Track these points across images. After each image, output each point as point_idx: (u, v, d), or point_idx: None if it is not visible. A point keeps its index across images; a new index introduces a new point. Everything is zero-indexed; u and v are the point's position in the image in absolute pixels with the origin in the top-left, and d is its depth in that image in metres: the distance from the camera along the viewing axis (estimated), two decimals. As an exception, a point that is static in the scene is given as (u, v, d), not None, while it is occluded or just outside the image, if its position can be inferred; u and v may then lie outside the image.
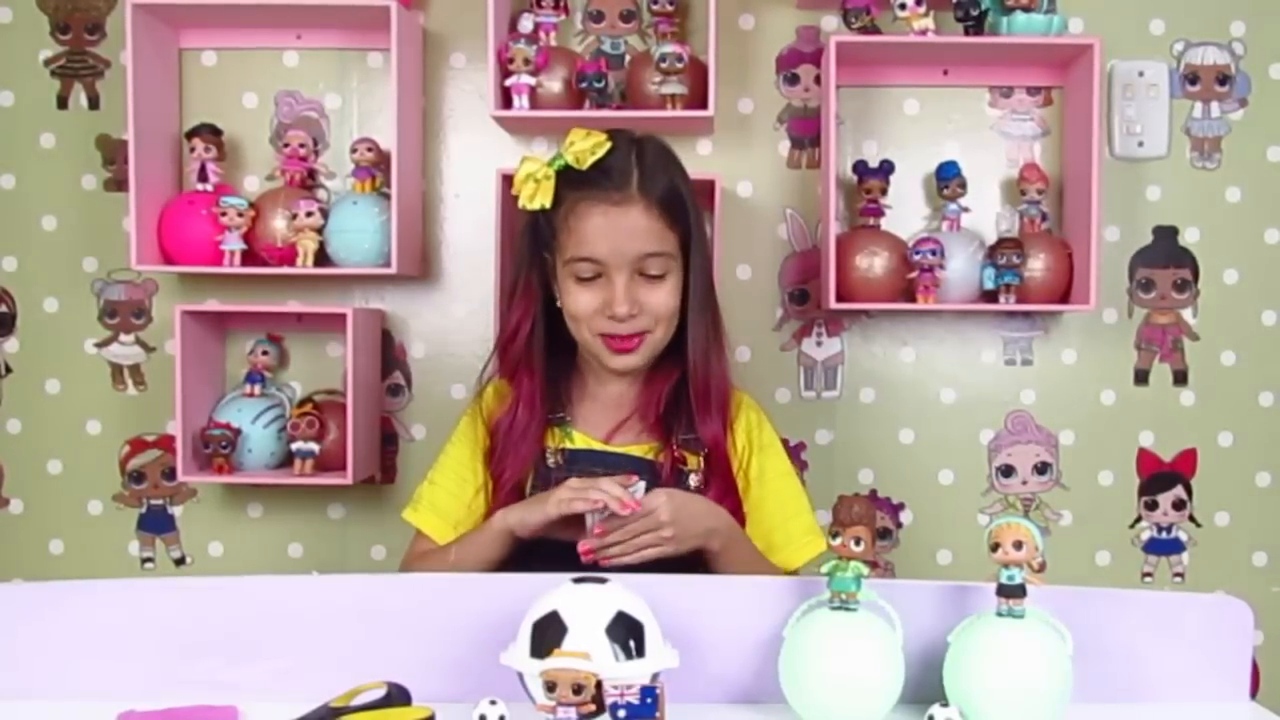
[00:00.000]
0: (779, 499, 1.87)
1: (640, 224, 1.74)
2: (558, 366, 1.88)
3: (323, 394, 2.56)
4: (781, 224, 2.57)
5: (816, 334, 2.58)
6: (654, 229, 1.75)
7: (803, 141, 2.57)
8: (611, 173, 1.74)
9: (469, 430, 1.91)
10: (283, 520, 2.60)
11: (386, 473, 2.59)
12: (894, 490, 2.60)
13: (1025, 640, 1.29)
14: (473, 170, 2.57)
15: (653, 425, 1.84)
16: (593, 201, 1.74)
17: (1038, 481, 2.60)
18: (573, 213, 1.75)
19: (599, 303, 1.76)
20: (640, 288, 1.77)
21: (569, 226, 1.76)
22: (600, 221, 1.74)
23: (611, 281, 1.75)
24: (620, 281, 1.75)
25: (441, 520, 1.84)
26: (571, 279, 1.78)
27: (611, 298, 1.75)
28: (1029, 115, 2.57)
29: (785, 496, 1.88)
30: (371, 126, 2.56)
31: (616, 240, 1.74)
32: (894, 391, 2.59)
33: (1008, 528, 1.30)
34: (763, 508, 1.85)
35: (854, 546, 1.30)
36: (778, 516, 1.86)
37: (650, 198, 1.75)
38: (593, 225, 1.74)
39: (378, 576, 1.50)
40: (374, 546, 2.59)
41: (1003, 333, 2.59)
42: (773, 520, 1.85)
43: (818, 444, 2.58)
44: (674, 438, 1.82)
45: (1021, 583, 1.30)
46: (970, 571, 2.48)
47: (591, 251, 1.74)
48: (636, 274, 1.76)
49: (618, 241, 1.74)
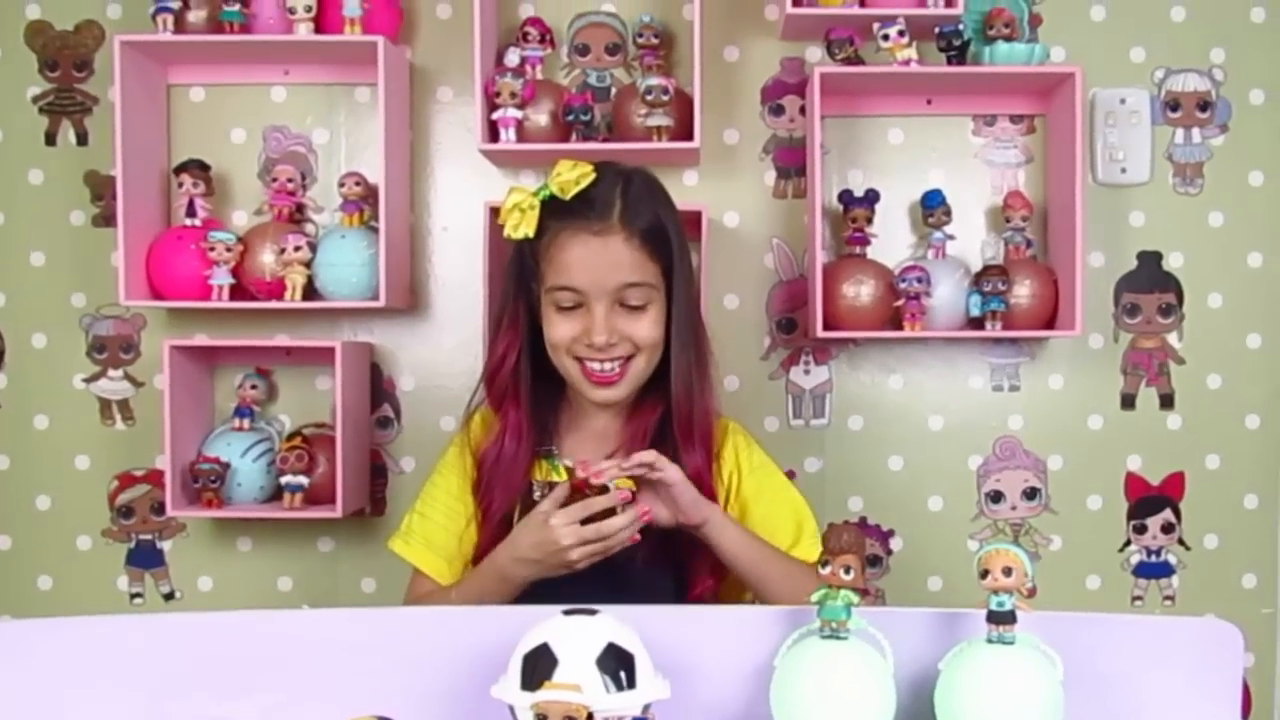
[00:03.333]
0: (784, 509, 1.89)
1: (620, 254, 1.74)
2: (546, 398, 1.88)
3: (312, 427, 2.55)
4: (768, 253, 2.57)
5: (804, 362, 2.58)
6: (634, 259, 1.75)
7: (788, 171, 2.57)
8: (594, 203, 1.75)
9: (457, 460, 1.90)
10: (272, 554, 2.59)
11: (376, 505, 2.58)
12: (883, 517, 2.60)
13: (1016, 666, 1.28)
14: (460, 203, 2.57)
15: None
16: (574, 231, 1.74)
17: (1027, 507, 2.60)
18: (554, 242, 1.75)
19: (578, 331, 1.76)
20: (621, 318, 1.76)
21: (550, 256, 1.76)
22: (580, 251, 1.74)
23: (591, 311, 1.75)
24: (599, 311, 1.75)
25: (437, 556, 1.84)
26: (552, 308, 1.78)
27: (591, 326, 1.75)
28: (1012, 143, 2.58)
29: (790, 506, 1.90)
30: (359, 160, 2.56)
31: (596, 270, 1.74)
32: (882, 419, 2.59)
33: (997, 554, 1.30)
34: (772, 519, 1.86)
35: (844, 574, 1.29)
36: (787, 523, 1.87)
37: (632, 228, 1.75)
38: (573, 255, 1.74)
39: (368, 610, 1.50)
40: (364, 579, 2.58)
41: (990, 359, 2.59)
42: (783, 527, 1.86)
43: (807, 472, 2.58)
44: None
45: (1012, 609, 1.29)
46: (960, 598, 2.47)
47: (571, 280, 1.74)
48: (617, 304, 1.76)
49: (597, 271, 1.74)
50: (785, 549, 1.83)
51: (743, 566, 1.75)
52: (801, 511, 1.90)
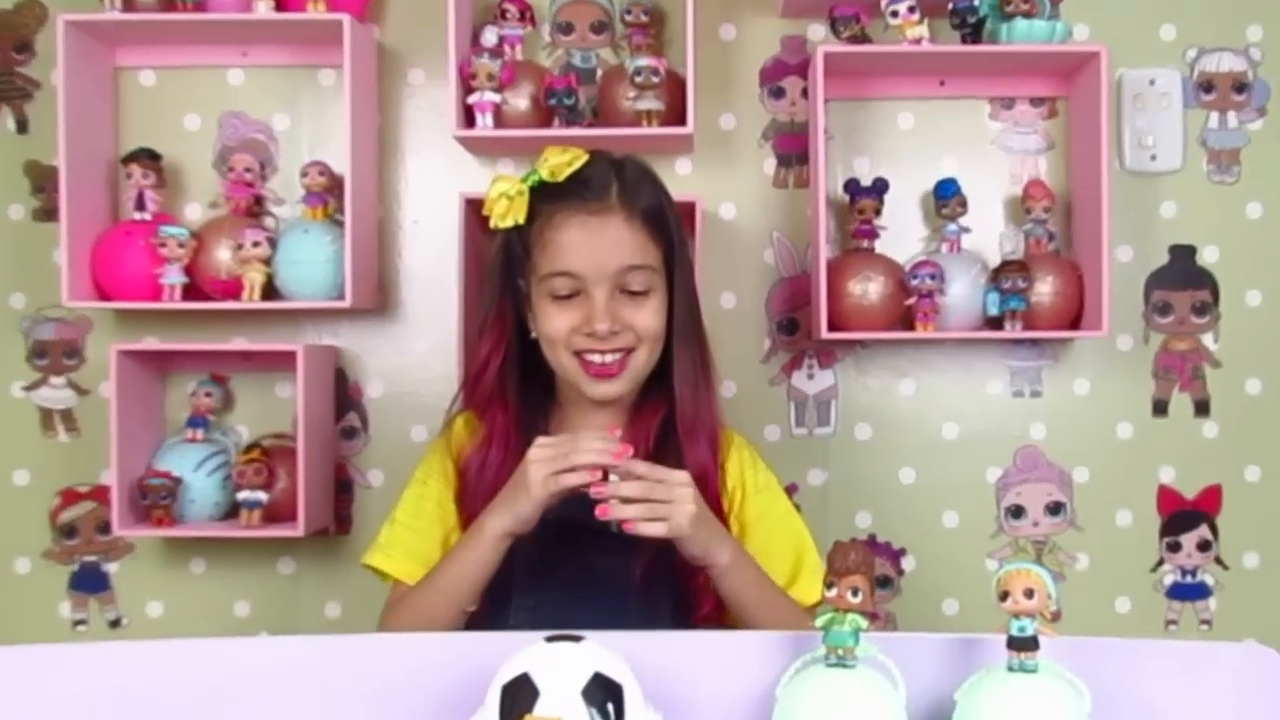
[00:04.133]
0: (785, 538, 1.87)
1: (621, 235, 1.74)
2: (534, 401, 1.87)
3: (271, 438, 2.55)
4: (768, 248, 2.57)
5: (807, 366, 2.58)
6: (636, 241, 1.75)
7: (789, 159, 2.57)
8: (590, 183, 1.75)
9: (439, 464, 1.89)
10: (228, 576, 2.58)
11: (341, 523, 2.57)
12: (894, 534, 2.60)
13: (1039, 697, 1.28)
14: (433, 194, 2.57)
15: None
16: (569, 212, 1.74)
17: (1050, 523, 2.60)
18: (548, 225, 1.75)
19: (577, 321, 1.76)
20: (622, 305, 1.76)
21: (544, 240, 1.75)
22: (578, 233, 1.74)
23: (590, 297, 1.75)
24: (600, 296, 1.74)
25: (421, 566, 1.82)
26: (547, 298, 1.77)
27: (591, 314, 1.74)
28: (1032, 128, 2.58)
29: (792, 535, 1.89)
30: (323, 149, 2.56)
31: (595, 252, 1.74)
32: (892, 427, 2.59)
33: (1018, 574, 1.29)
34: (770, 548, 1.84)
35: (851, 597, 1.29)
36: (786, 556, 1.85)
37: (632, 208, 1.75)
38: (569, 237, 1.74)
39: (333, 638, 1.49)
40: (328, 603, 2.57)
41: (1009, 362, 2.59)
42: (781, 560, 1.85)
43: (810, 485, 2.57)
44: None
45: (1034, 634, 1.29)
46: (978, 622, 2.48)
47: (568, 264, 1.74)
48: (617, 290, 1.76)
49: (597, 254, 1.74)
50: (782, 584, 1.82)
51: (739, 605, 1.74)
52: (802, 543, 1.89)
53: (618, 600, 1.72)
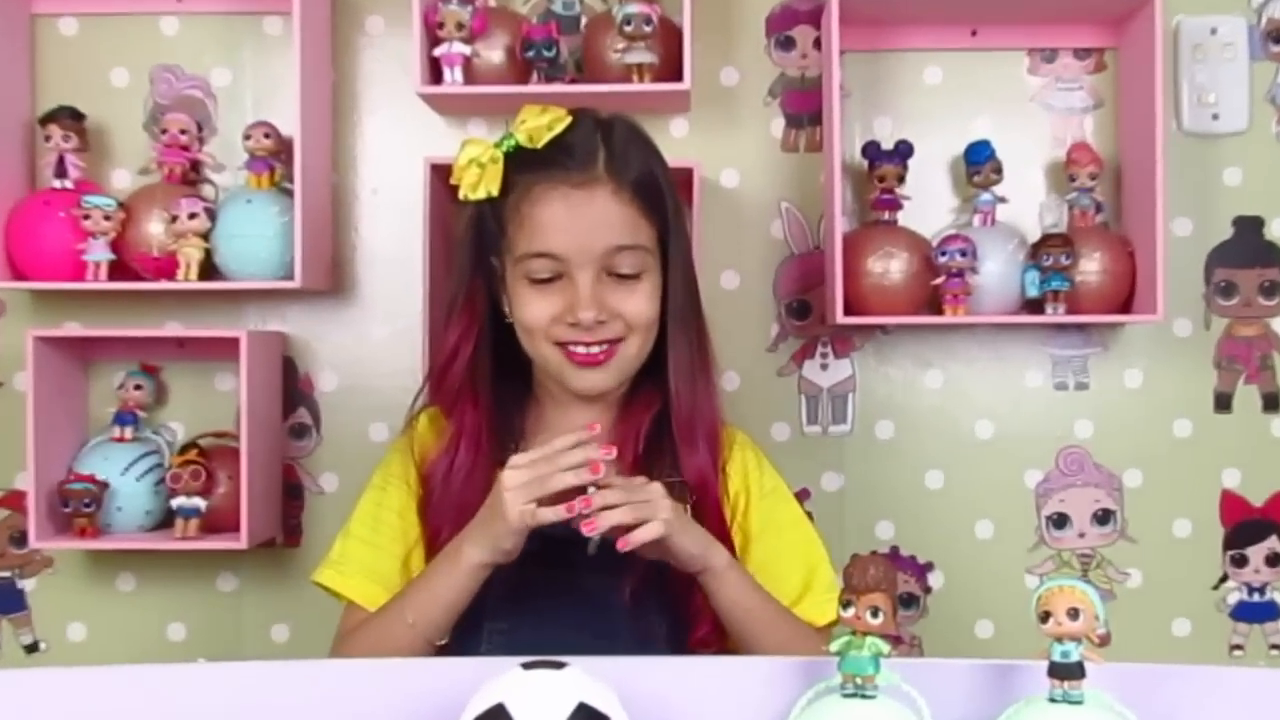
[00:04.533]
0: (795, 550, 1.88)
1: (609, 211, 1.74)
2: (508, 395, 1.87)
3: (210, 437, 2.54)
4: (776, 220, 2.58)
5: (821, 355, 2.58)
6: (626, 217, 1.75)
7: (800, 120, 2.57)
8: (573, 150, 1.74)
9: (400, 468, 1.89)
10: (161, 595, 2.58)
11: (290, 534, 2.58)
12: (920, 547, 2.60)
13: (1085, 731, 1.28)
14: (395, 160, 2.57)
15: (630, 466, 1.82)
16: (550, 184, 1.74)
17: (1098, 533, 2.60)
18: (525, 199, 1.74)
19: (558, 308, 1.75)
20: (610, 290, 1.76)
21: (520, 216, 1.75)
22: (559, 209, 1.73)
23: (574, 282, 1.74)
24: (585, 281, 1.74)
25: (379, 587, 1.82)
26: (524, 282, 1.77)
27: (574, 301, 1.74)
28: (1077, 84, 2.58)
29: (802, 547, 1.89)
30: (269, 108, 2.56)
31: (579, 230, 1.73)
32: (918, 425, 2.60)
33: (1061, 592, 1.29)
34: (778, 561, 1.85)
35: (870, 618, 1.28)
36: (795, 569, 1.86)
37: (621, 180, 1.75)
38: (550, 213, 1.73)
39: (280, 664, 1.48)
40: (275, 625, 2.58)
41: (1051, 350, 2.60)
42: (789, 574, 1.85)
43: (824, 490, 2.58)
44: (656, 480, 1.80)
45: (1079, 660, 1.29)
46: (1015, 646, 2.46)
47: (548, 245, 1.74)
48: (604, 273, 1.76)
49: (581, 232, 1.73)
50: (789, 602, 1.82)
51: (735, 623, 1.74)
52: (814, 556, 1.89)
53: (605, 622, 1.72)
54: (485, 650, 1.72)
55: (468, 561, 1.68)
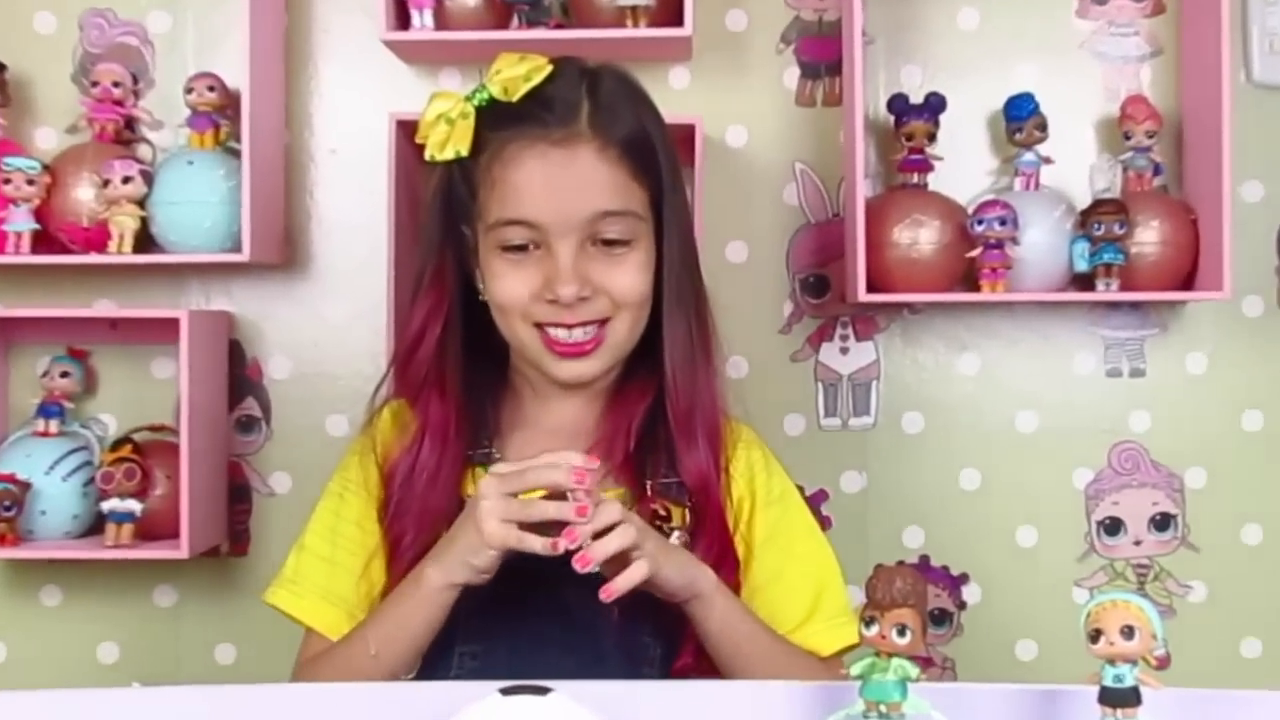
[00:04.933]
0: (802, 566, 1.87)
1: (593, 171, 1.73)
2: (481, 385, 1.86)
3: (146, 432, 2.54)
4: (789, 184, 2.58)
5: (840, 338, 2.58)
6: (612, 179, 1.74)
7: (817, 69, 2.58)
8: (552, 104, 1.73)
9: (357, 471, 1.89)
10: (91, 610, 2.59)
11: (236, 541, 2.58)
12: (953, 556, 2.60)
13: (1141, 766, 1.27)
14: (356, 116, 2.57)
15: (621, 465, 1.82)
16: (526, 142, 1.73)
17: (1156, 541, 2.60)
18: (498, 159, 1.74)
19: (536, 284, 1.74)
20: (595, 262, 1.75)
21: (493, 178, 1.74)
22: (536, 168, 1.72)
23: (553, 253, 1.73)
24: (565, 251, 1.73)
25: (338, 610, 1.82)
26: (497, 253, 1.76)
27: (553, 274, 1.73)
28: (1133, 29, 2.59)
29: (812, 563, 1.88)
30: (213, 57, 2.56)
31: (559, 194, 1.72)
32: (950, 417, 2.60)
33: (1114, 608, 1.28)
34: (782, 580, 1.84)
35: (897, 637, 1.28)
36: (802, 588, 1.85)
37: (607, 136, 1.74)
38: (526, 174, 1.73)
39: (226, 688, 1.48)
40: (219, 645, 2.58)
41: (1102, 332, 2.60)
42: (795, 594, 1.84)
43: (844, 492, 2.58)
44: (650, 481, 1.80)
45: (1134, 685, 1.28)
46: (1062, 669, 2.47)
47: (524, 211, 1.73)
48: (588, 242, 1.75)
49: (561, 196, 1.72)
50: (792, 626, 1.82)
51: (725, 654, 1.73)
52: (825, 573, 1.88)
53: (591, 644, 1.71)
54: (455, 676, 1.72)
55: (431, 584, 1.67)
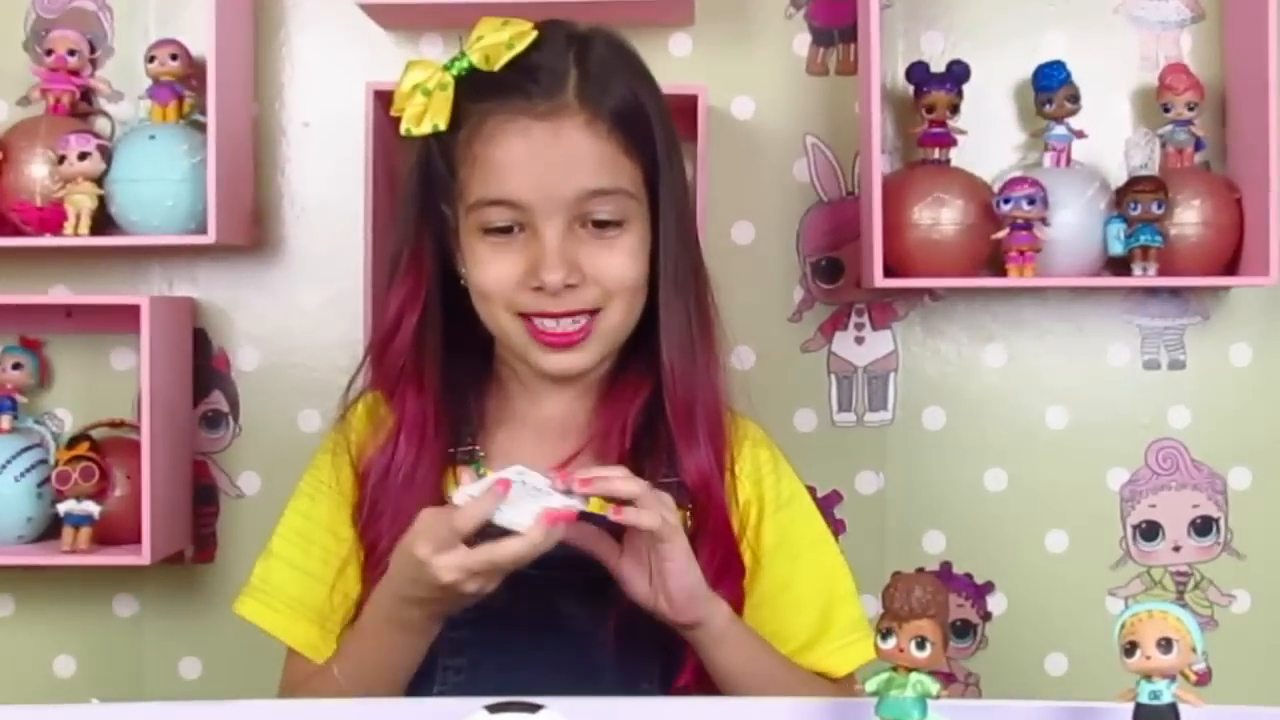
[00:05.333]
0: (812, 578, 1.87)
1: (580, 147, 1.72)
2: (463, 376, 1.87)
3: (104, 428, 2.55)
4: (800, 160, 2.58)
5: (855, 326, 2.59)
6: (602, 154, 1.73)
7: (830, 35, 2.58)
8: (537, 73, 1.73)
9: (329, 472, 1.88)
10: (45, 620, 2.60)
11: (202, 547, 2.59)
12: (977, 563, 2.61)
13: (1180, 790, 1.27)
14: (330, 86, 2.58)
15: (616, 464, 1.80)
16: (507, 115, 1.72)
17: (1196, 546, 2.61)
18: (479, 134, 1.73)
19: (520, 270, 1.74)
20: (584, 246, 1.75)
21: (473, 154, 1.74)
22: (518, 145, 1.72)
23: (538, 235, 1.73)
24: (551, 234, 1.72)
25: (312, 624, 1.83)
26: (478, 235, 1.76)
27: (539, 259, 1.73)
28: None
29: (822, 574, 1.88)
30: (176, 23, 2.56)
31: (543, 171, 1.72)
32: (975, 412, 2.60)
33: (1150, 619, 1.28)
34: (789, 593, 1.84)
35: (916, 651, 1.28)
36: (811, 603, 1.85)
37: (596, 108, 1.73)
38: (508, 150, 1.72)
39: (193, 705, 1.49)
40: (184, 659, 2.58)
41: (1139, 320, 2.60)
42: (803, 609, 1.84)
43: (859, 493, 2.58)
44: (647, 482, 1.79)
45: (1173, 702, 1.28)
46: (1094, 685, 2.48)
47: (505, 190, 1.72)
48: (577, 224, 1.74)
49: (545, 173, 1.72)
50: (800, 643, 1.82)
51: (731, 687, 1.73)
52: (837, 586, 1.88)
53: (585, 659, 1.72)
54: (439, 692, 1.72)
55: (422, 621, 1.67)
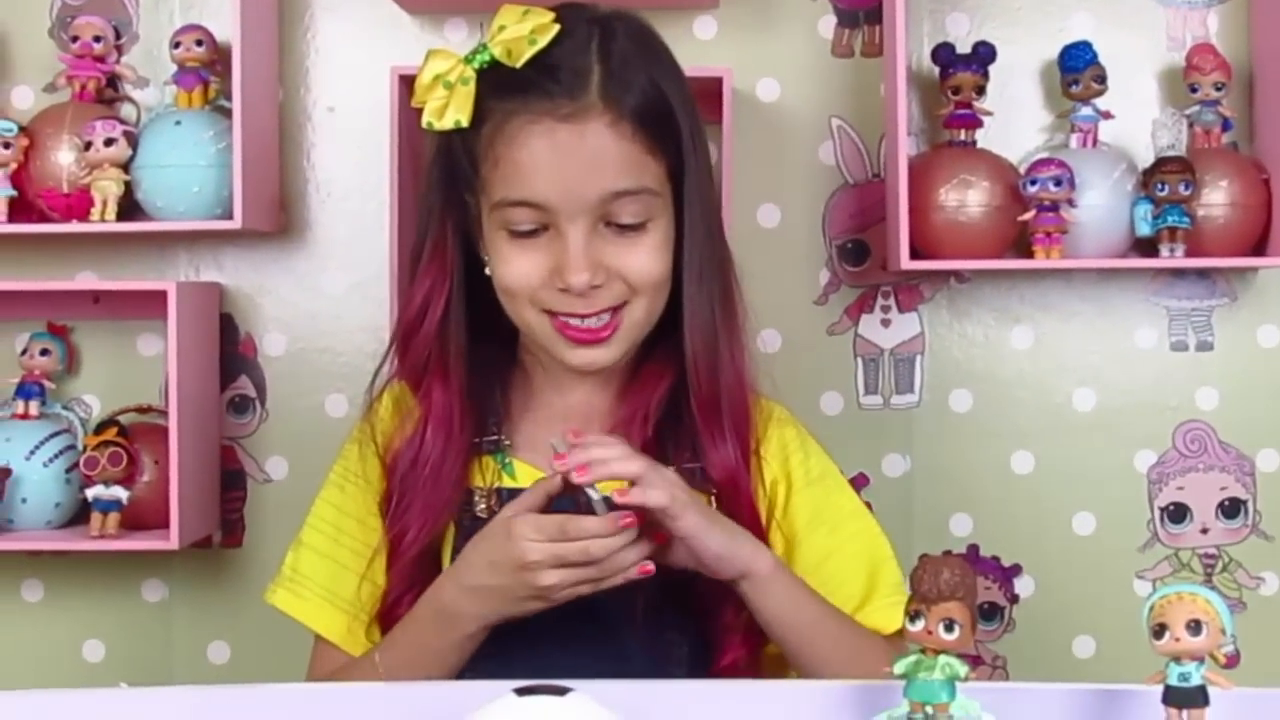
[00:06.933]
0: (854, 546, 1.87)
1: (605, 148, 1.72)
2: (488, 366, 1.86)
3: (132, 413, 2.55)
4: (825, 142, 2.58)
5: (882, 309, 2.58)
6: (626, 155, 1.73)
7: (855, 17, 2.57)
8: (560, 71, 1.72)
9: (357, 462, 1.89)
10: (74, 605, 2.60)
11: (230, 531, 2.59)
12: (1005, 546, 2.60)
13: (1209, 772, 1.27)
14: (356, 71, 2.58)
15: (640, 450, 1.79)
16: (532, 115, 1.71)
17: (1225, 529, 2.60)
18: (501, 133, 1.73)
19: (545, 269, 1.74)
20: (608, 245, 1.74)
21: (496, 154, 1.73)
22: (543, 146, 1.71)
23: (563, 236, 1.73)
24: (576, 236, 1.72)
25: (346, 614, 1.83)
26: (503, 234, 1.75)
27: (564, 261, 1.72)
28: (1200, -30, 2.58)
29: (863, 542, 1.88)
30: (201, 9, 2.56)
31: (568, 174, 1.71)
32: (1001, 395, 2.60)
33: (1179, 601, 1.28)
34: (833, 562, 1.84)
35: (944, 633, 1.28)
36: (857, 569, 1.85)
37: (621, 108, 1.72)
38: (532, 152, 1.71)
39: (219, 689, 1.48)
40: (212, 644, 2.59)
41: (1166, 302, 2.59)
42: (850, 575, 1.84)
43: (886, 476, 2.58)
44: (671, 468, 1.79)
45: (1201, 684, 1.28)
46: (1122, 667, 2.46)
47: (530, 192, 1.72)
48: (602, 224, 1.74)
49: (570, 176, 1.71)
50: (851, 608, 1.81)
51: (789, 640, 1.74)
52: (878, 553, 1.88)
53: (612, 642, 1.72)
54: (468, 675, 1.72)
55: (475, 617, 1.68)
